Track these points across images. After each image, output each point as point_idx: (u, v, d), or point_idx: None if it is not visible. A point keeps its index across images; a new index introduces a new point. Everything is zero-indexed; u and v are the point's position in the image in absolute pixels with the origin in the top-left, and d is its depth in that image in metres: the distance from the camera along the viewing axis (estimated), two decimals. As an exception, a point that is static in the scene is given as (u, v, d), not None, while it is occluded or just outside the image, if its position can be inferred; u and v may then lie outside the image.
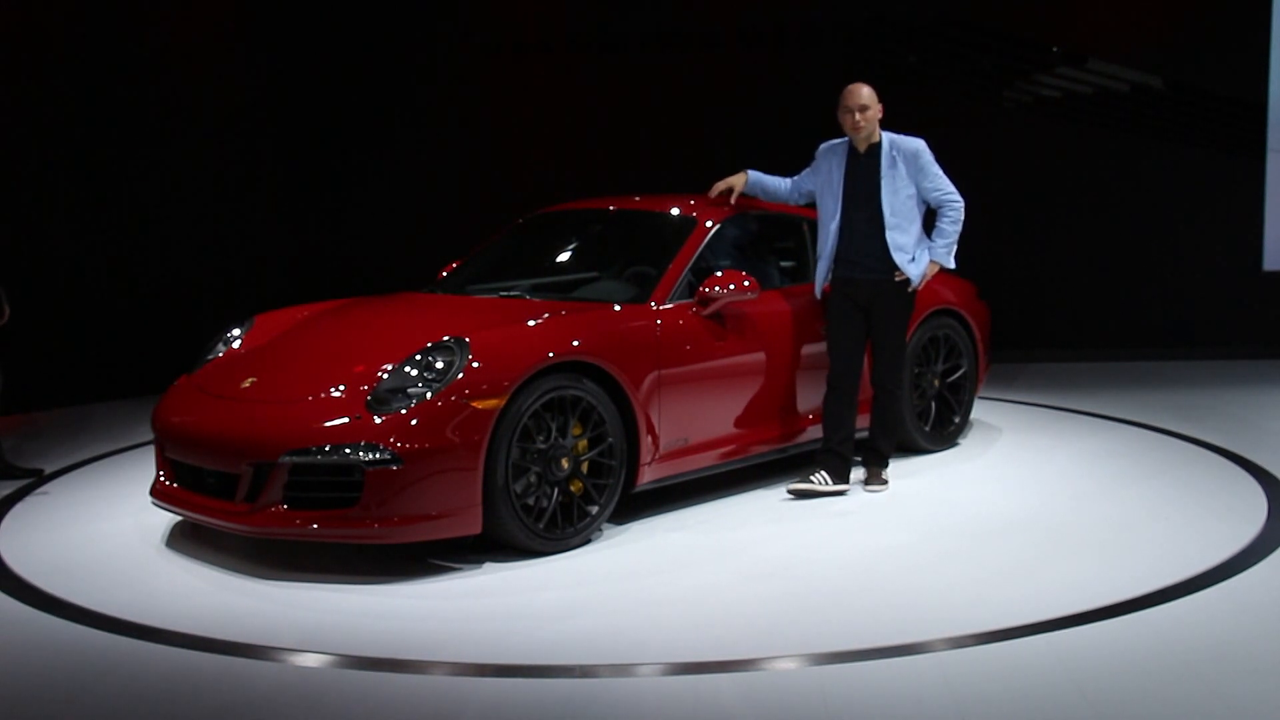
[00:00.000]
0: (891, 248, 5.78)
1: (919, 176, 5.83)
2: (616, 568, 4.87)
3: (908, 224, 5.82)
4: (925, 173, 5.83)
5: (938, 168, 5.87)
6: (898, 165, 5.81)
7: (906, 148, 5.84)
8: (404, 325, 5.48)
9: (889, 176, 5.81)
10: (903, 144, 5.85)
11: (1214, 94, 9.92)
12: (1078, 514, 5.52)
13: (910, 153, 5.83)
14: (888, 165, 5.81)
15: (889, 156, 5.82)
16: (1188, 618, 4.17)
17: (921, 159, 5.83)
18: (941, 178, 5.87)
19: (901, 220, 5.80)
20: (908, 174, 5.81)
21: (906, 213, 5.82)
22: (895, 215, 5.79)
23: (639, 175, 9.78)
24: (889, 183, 5.80)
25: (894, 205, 5.80)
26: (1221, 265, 10.07)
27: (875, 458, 6.04)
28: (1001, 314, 7.70)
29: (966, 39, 10.06)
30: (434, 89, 10.39)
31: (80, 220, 8.91)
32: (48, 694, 3.75)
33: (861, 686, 3.65)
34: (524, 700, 3.61)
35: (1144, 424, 7.43)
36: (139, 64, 9.22)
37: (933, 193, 5.85)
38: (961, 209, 5.87)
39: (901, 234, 5.80)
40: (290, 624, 4.28)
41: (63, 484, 6.42)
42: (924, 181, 5.84)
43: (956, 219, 5.86)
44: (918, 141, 5.87)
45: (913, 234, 5.84)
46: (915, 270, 5.82)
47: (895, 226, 5.79)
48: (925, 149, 5.86)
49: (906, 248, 5.81)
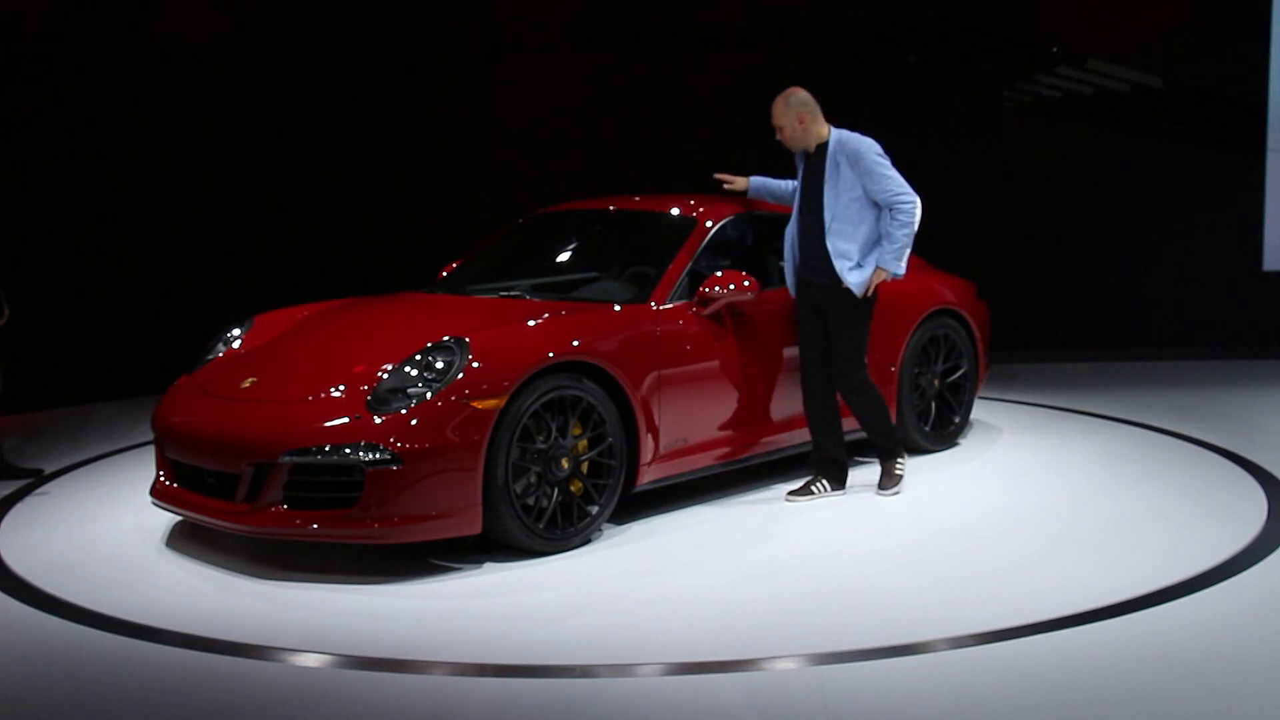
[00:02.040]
0: (833, 254, 5.56)
1: (864, 178, 5.54)
2: (616, 568, 4.87)
3: (851, 228, 5.57)
4: (870, 174, 5.53)
5: (885, 168, 5.55)
6: (840, 167, 5.57)
7: (850, 148, 5.57)
8: (404, 325, 5.48)
9: (831, 178, 5.58)
10: (848, 144, 5.58)
11: (1214, 94, 9.92)
12: (1078, 514, 5.52)
13: (853, 153, 5.56)
14: (830, 166, 5.59)
15: (832, 158, 5.60)
16: (1188, 618, 4.17)
17: (864, 160, 5.53)
18: (888, 178, 5.53)
19: (844, 225, 5.56)
20: (852, 175, 5.55)
21: (849, 216, 5.56)
22: (837, 220, 5.57)
23: (639, 175, 9.79)
24: (831, 185, 5.58)
25: (835, 209, 5.57)
26: (1221, 265, 10.06)
27: (883, 455, 5.96)
28: (1001, 314, 7.70)
29: (966, 39, 10.06)
30: (434, 89, 10.38)
31: (80, 221, 8.91)
32: (48, 694, 3.75)
33: (861, 686, 3.65)
34: (524, 700, 3.61)
35: (1144, 424, 7.42)
36: (140, 64, 9.21)
37: (881, 194, 5.53)
38: (914, 209, 5.52)
39: (843, 240, 5.56)
40: (290, 624, 4.28)
41: (63, 484, 6.42)
42: (869, 184, 5.54)
43: (906, 222, 5.51)
44: (863, 141, 5.59)
45: (858, 239, 5.57)
46: (855, 278, 5.55)
47: (836, 231, 5.57)
48: (869, 149, 5.56)
49: (849, 254, 5.56)
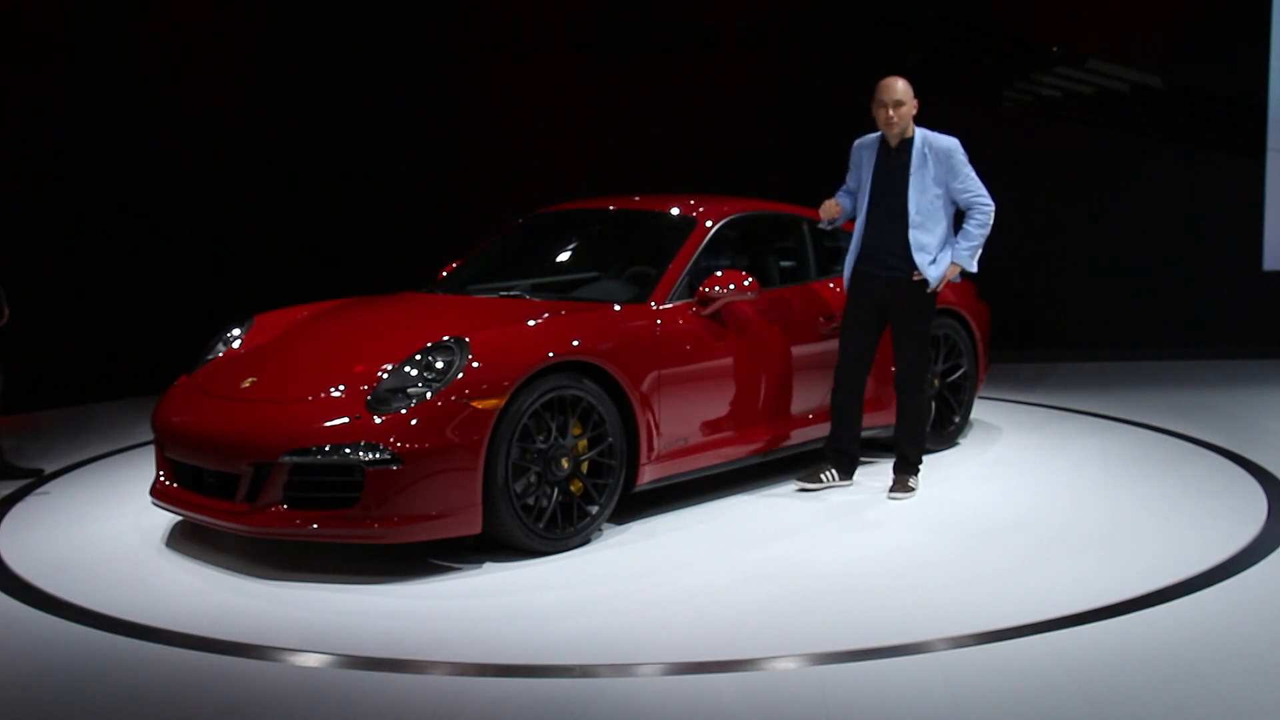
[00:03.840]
0: (913, 247, 5.66)
1: (949, 176, 5.69)
2: (616, 568, 4.87)
3: (933, 224, 5.70)
4: (956, 173, 5.69)
5: (970, 169, 5.73)
6: (928, 163, 5.68)
7: (939, 146, 5.70)
8: (404, 325, 5.47)
9: (918, 174, 5.68)
10: (936, 142, 5.71)
11: (1214, 94, 9.92)
12: (1078, 514, 5.52)
13: (943, 151, 5.69)
14: (918, 163, 5.69)
15: (920, 154, 5.69)
16: (1188, 618, 4.17)
17: (954, 159, 5.69)
18: (973, 179, 5.72)
19: (926, 219, 5.68)
20: (937, 173, 5.68)
21: (932, 212, 5.69)
22: (920, 214, 5.67)
23: (639, 175, 9.79)
24: (917, 180, 5.68)
25: (920, 204, 5.68)
26: (1221, 265, 10.06)
27: (903, 465, 5.91)
28: (1001, 314, 7.70)
29: (966, 39, 10.06)
30: (434, 89, 10.39)
31: (80, 220, 8.90)
32: (48, 694, 3.75)
33: (861, 686, 3.65)
34: (524, 700, 3.61)
35: (1144, 424, 7.43)
36: (140, 64, 9.21)
37: (962, 194, 5.71)
38: (991, 213, 5.71)
39: (925, 233, 5.68)
40: (290, 624, 4.27)
41: (63, 484, 6.41)
42: (954, 182, 5.70)
43: (984, 222, 5.70)
44: (951, 140, 5.74)
45: (937, 234, 5.71)
46: (934, 271, 5.68)
47: (919, 225, 5.67)
48: (958, 148, 5.72)
49: (929, 248, 5.68)
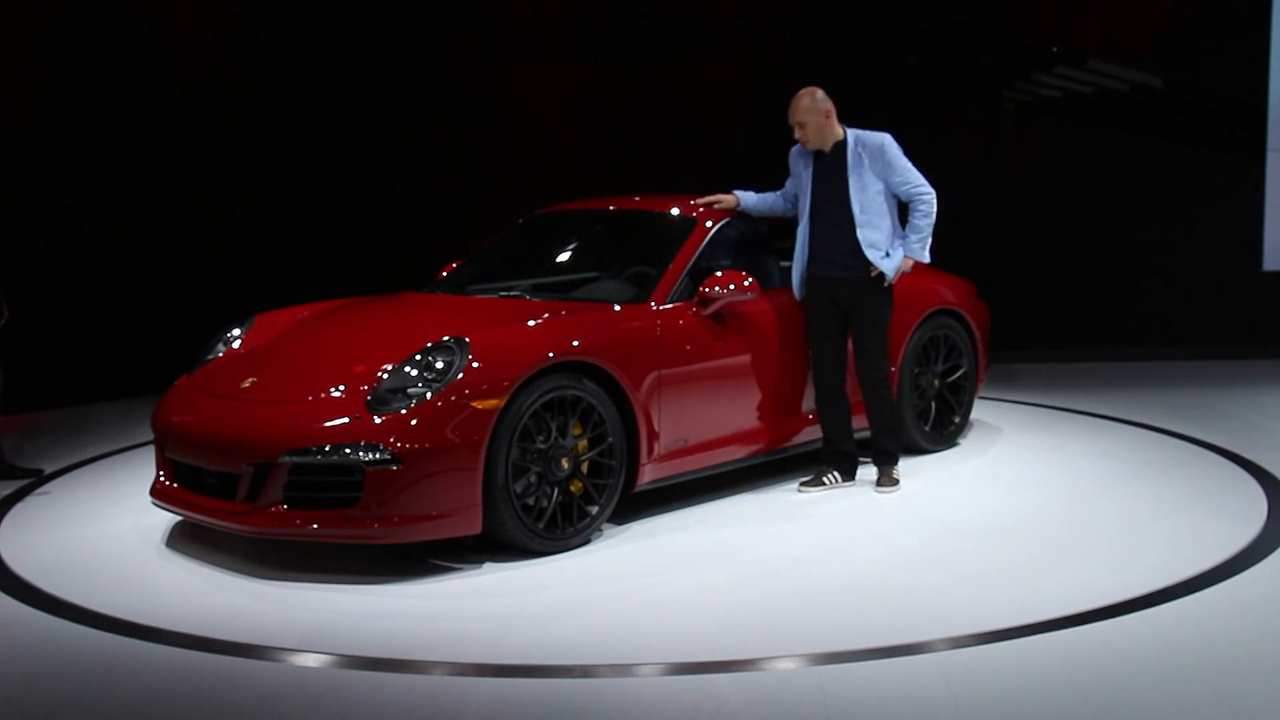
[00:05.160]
0: (864, 244, 5.75)
1: (886, 172, 5.78)
2: (616, 568, 4.87)
3: (878, 220, 5.79)
4: (892, 167, 5.78)
5: (905, 161, 5.82)
6: (863, 162, 5.78)
7: (871, 143, 5.79)
8: (404, 325, 5.47)
9: (856, 173, 5.79)
10: (868, 140, 5.80)
11: (1214, 94, 9.92)
12: (1078, 514, 5.52)
13: (875, 148, 5.78)
14: (854, 162, 5.79)
15: (855, 154, 5.80)
16: (1188, 618, 4.17)
17: (887, 154, 5.78)
18: (910, 171, 5.81)
19: (872, 217, 5.77)
20: (874, 170, 5.77)
21: (876, 209, 5.78)
22: (865, 212, 5.77)
23: (639, 175, 9.79)
24: (856, 180, 5.78)
25: (863, 202, 5.77)
26: (1221, 265, 10.06)
27: (883, 458, 6.02)
28: (1002, 314, 7.69)
29: (966, 39, 10.06)
30: (434, 89, 10.38)
31: (80, 220, 8.91)
32: (48, 694, 3.75)
33: (861, 686, 3.65)
34: (524, 700, 3.61)
35: (1144, 424, 7.42)
36: (140, 63, 9.21)
37: (902, 186, 5.80)
38: (933, 201, 5.79)
39: (873, 230, 5.77)
40: (290, 624, 4.27)
41: (63, 484, 6.42)
42: (892, 176, 5.79)
43: (928, 212, 5.78)
44: (882, 136, 5.82)
45: (884, 229, 5.80)
46: (889, 265, 5.76)
47: (866, 224, 5.77)
48: (890, 143, 5.81)
49: (879, 244, 5.77)
